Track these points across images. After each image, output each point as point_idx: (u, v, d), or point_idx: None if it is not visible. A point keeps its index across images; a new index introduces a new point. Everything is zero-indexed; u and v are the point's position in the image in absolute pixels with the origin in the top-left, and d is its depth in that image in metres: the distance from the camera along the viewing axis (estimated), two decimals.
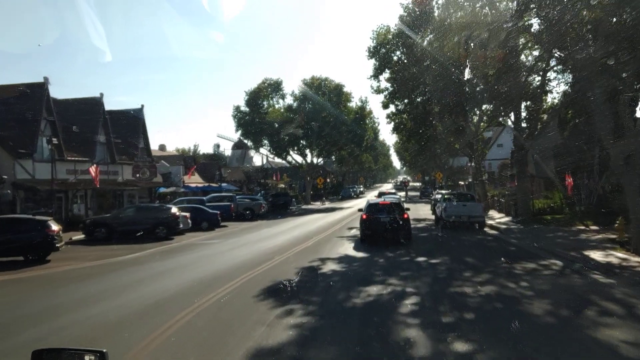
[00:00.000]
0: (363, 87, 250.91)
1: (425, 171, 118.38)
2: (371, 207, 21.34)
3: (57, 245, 18.36)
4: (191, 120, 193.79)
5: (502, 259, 15.53)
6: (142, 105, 39.14)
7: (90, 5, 74.90)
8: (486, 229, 25.80)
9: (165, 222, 25.32)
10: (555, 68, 24.21)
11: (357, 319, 9.08)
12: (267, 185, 69.97)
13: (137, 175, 36.55)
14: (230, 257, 18.02)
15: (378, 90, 31.80)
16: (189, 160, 60.40)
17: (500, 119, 38.26)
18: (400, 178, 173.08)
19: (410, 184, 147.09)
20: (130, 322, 9.11)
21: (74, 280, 14.32)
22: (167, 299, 10.79)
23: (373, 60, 29.02)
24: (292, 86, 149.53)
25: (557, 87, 27.01)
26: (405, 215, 20.84)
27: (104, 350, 2.76)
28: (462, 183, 78.01)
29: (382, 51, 28.32)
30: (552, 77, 25.74)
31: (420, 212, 41.29)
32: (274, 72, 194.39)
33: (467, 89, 28.53)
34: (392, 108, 38.25)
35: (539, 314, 9.09)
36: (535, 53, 28.27)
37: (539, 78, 25.13)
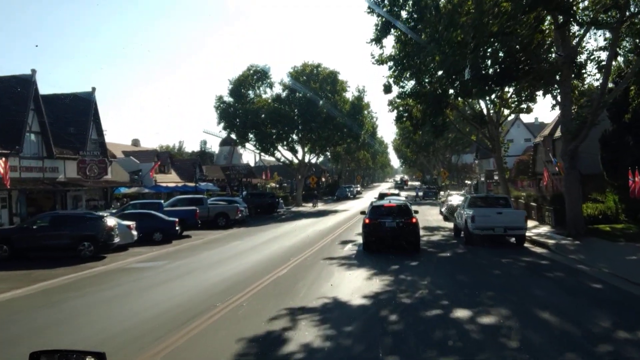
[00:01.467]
0: (360, 77, 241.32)
1: (426, 169, 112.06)
2: (375, 211, 18.57)
3: None
4: (177, 116, 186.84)
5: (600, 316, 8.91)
6: (93, 89, 32.28)
7: None
8: (527, 245, 19.15)
9: (92, 237, 18.58)
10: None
11: None
12: (252, 185, 63.26)
13: (86, 172, 29.76)
14: (148, 301, 11.30)
15: (380, 60, 25.01)
16: (163, 156, 53.56)
17: (524, 105, 31.65)
18: (398, 177, 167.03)
19: (409, 183, 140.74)
20: None
21: None
22: None
23: (375, 19, 22.33)
24: (282, 74, 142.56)
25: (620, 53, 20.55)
26: (414, 220, 18.05)
27: (103, 352, 2.66)
28: (469, 182, 71.49)
29: (386, 2, 21.52)
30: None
31: (429, 217, 34.67)
32: (263, 60, 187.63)
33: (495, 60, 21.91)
34: (395, 92, 31.60)
35: None
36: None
37: (608, 35, 18.54)
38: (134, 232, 21.65)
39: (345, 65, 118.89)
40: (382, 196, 35.31)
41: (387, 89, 30.39)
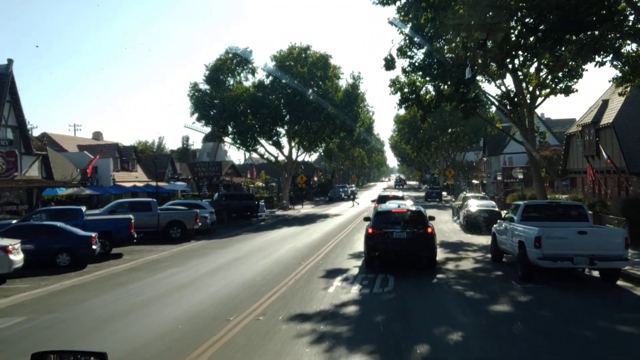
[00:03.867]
0: (355, 64, 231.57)
1: (425, 168, 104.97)
2: (381, 217, 15.05)
3: None
4: (177, 116, 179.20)
5: None
6: (10, 60, 24.76)
7: None
8: (620, 282, 11.97)
9: None
10: None
11: None
12: (235, 185, 55.98)
13: None
14: None
15: (384, 1, 17.83)
16: (127, 151, 46.18)
17: (562, 85, 24.57)
18: (394, 176, 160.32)
19: (407, 182, 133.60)
20: None
21: None
22: None
23: None
24: (266, 59, 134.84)
25: None
26: (429, 230, 14.43)
27: (104, 352, 2.61)
28: (476, 182, 64.46)
29: None
30: None
31: (441, 225, 27.44)
32: (262, 58, 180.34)
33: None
34: (399, 68, 24.69)
35: None
36: None
37: None
38: (15, 257, 14.35)
39: (345, 65, 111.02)
40: (382, 199, 28.18)
41: (389, 64, 23.45)
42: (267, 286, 12.32)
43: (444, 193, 65.16)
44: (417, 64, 22.02)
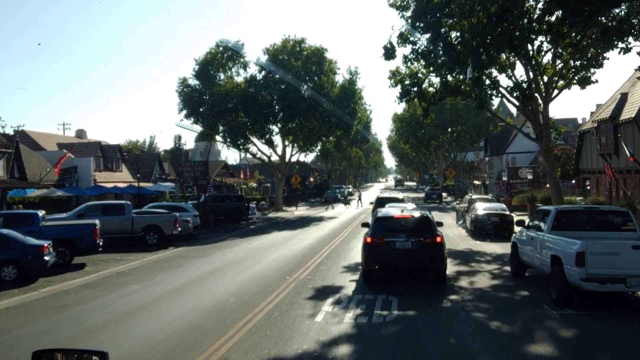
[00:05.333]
0: (352, 61, 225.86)
1: (424, 168, 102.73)
2: (381, 224, 12.86)
3: None
4: (157, 111, 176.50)
5: None
6: None
7: None
8: None
9: None
10: None
11: None
12: (228, 186, 53.50)
13: None
14: None
15: None
16: (110, 150, 43.67)
17: (578, 76, 22.20)
18: (391, 177, 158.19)
19: (405, 183, 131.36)
20: None
21: None
22: None
23: None
24: (260, 54, 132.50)
25: None
26: (438, 239, 12.21)
27: (105, 351, 2.57)
28: (478, 183, 62.20)
29: None
30: None
31: (446, 229, 24.82)
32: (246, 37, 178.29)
33: None
34: (399, 60, 22.45)
35: None
36: None
37: None
38: None
39: (342, 61, 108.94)
40: (381, 202, 25.78)
41: (389, 52, 21.31)
42: (241, 311, 9.91)
43: (444, 194, 62.96)
44: (420, 50, 19.67)
